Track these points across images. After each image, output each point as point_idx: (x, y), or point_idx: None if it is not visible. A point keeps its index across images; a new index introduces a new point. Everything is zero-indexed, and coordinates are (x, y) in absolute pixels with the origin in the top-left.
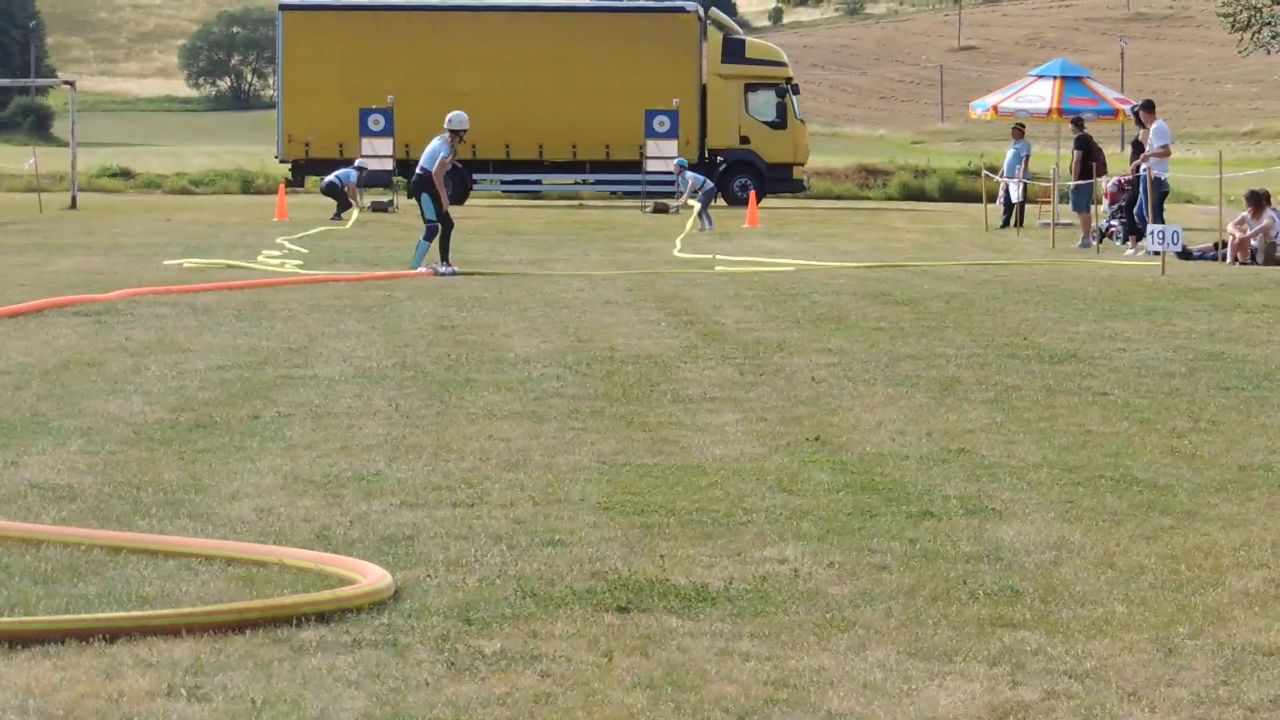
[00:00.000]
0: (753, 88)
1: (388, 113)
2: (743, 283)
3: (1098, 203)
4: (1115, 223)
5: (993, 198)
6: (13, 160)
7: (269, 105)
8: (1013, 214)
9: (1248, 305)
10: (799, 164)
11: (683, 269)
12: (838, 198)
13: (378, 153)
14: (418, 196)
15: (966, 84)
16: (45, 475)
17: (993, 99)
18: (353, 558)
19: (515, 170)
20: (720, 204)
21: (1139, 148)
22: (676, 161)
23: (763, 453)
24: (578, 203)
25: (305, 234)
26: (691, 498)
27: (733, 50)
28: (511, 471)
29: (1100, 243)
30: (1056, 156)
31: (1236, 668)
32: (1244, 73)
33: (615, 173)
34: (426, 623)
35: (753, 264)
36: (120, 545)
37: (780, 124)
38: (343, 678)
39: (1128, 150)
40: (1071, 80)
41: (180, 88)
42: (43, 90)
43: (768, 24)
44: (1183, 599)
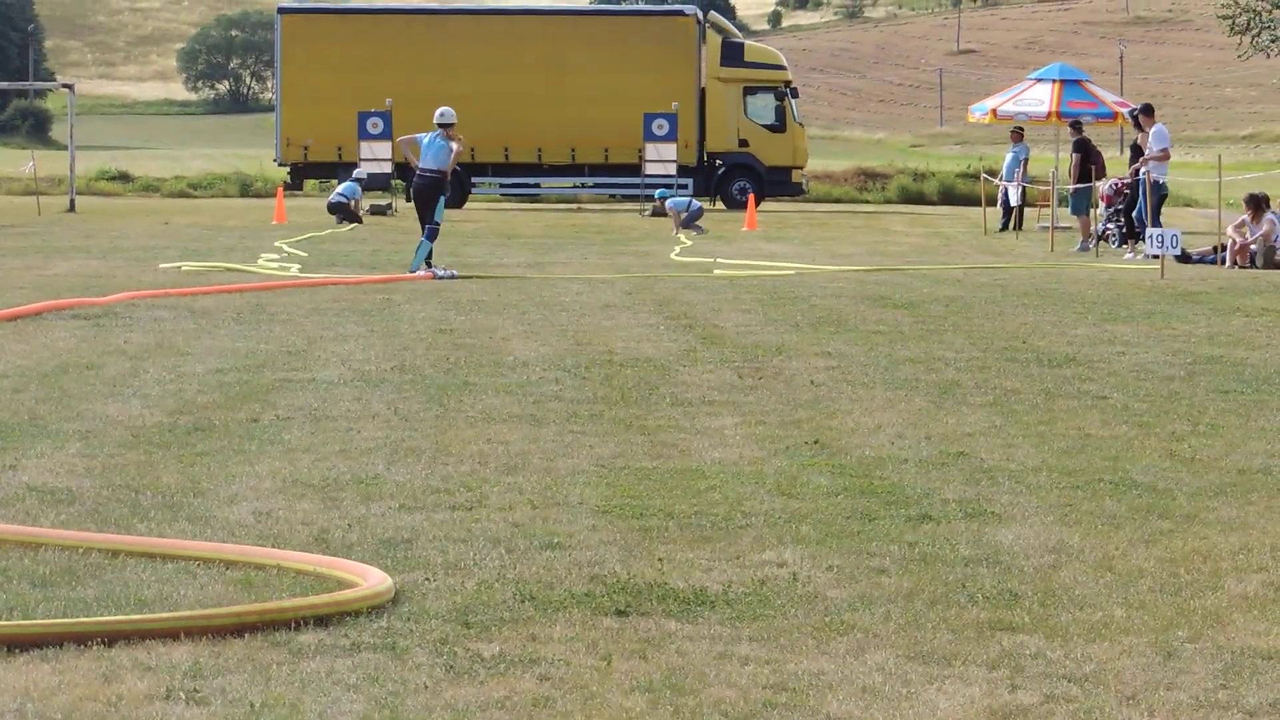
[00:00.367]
0: (752, 91)
1: (386, 116)
2: (741, 286)
3: (1096, 206)
4: (1111, 226)
5: (992, 201)
6: (11, 163)
7: (267, 109)
8: (1012, 217)
9: (1247, 309)
10: (798, 167)
11: (681, 272)
12: (837, 201)
13: (376, 156)
14: (431, 198)
15: (965, 87)
16: (43, 478)
17: (992, 102)
18: (353, 560)
19: (514, 173)
20: (719, 207)
21: (1138, 151)
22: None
23: (761, 456)
24: (576, 206)
25: (304, 237)
26: (690, 501)
27: (731, 53)
28: (510, 475)
29: (1097, 245)
30: (1055, 160)
31: (1235, 671)
32: (1243, 76)
33: (614, 176)
34: (425, 626)
35: (752, 267)
36: (119, 548)
37: (779, 127)
38: (341, 681)
39: (1127, 154)
40: (1070, 84)
41: (179, 91)
42: (41, 93)
43: (766, 27)
44: (1182, 602)
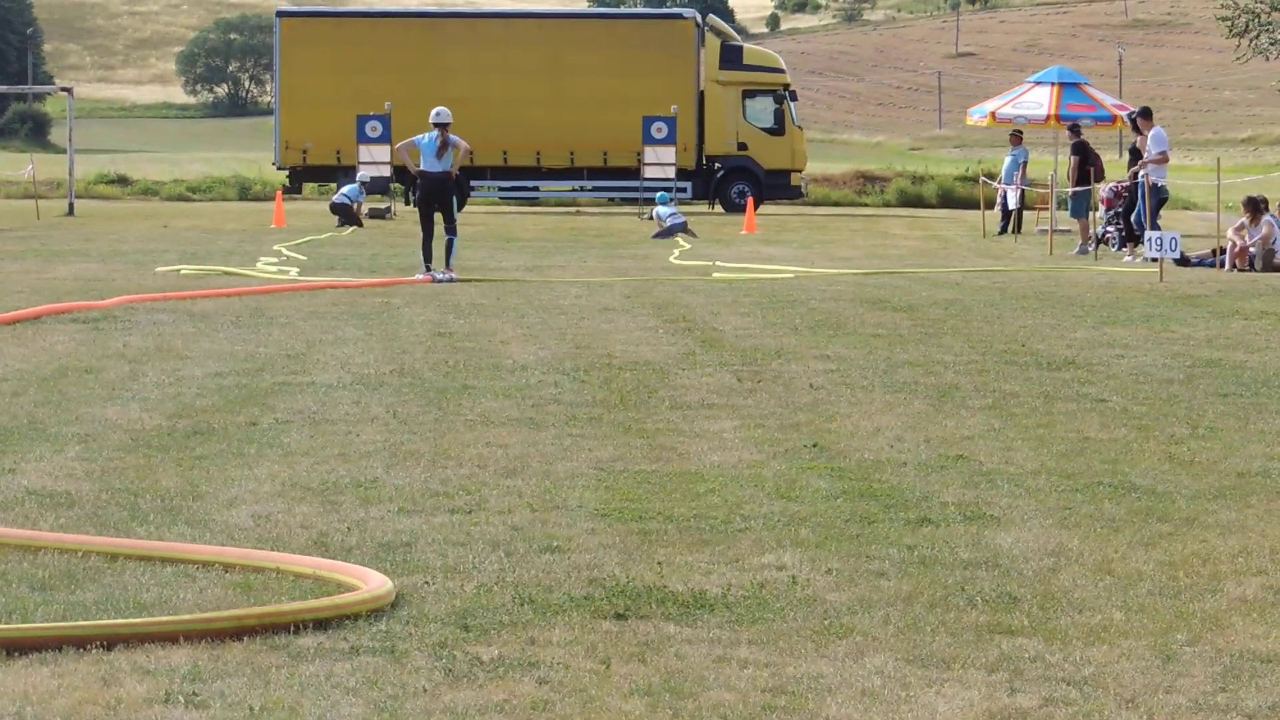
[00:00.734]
0: (750, 94)
1: (385, 119)
2: (740, 289)
3: (1095, 209)
4: (1110, 229)
5: (990, 204)
6: (10, 167)
7: (266, 112)
8: (1010, 220)
9: (1246, 312)
10: (797, 170)
11: (680, 275)
12: (835, 204)
13: (375, 159)
14: (445, 199)
15: (964, 90)
16: (43, 482)
17: (991, 105)
18: (353, 564)
19: (513, 177)
20: (717, 210)
21: (1137, 154)
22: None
23: (761, 459)
24: (575, 209)
25: (303, 241)
26: (689, 504)
27: (730, 57)
28: (509, 478)
29: (1096, 248)
30: (1054, 163)
31: (1234, 674)
32: (1242, 79)
33: (613, 179)
34: (424, 630)
35: (750, 270)
36: (118, 552)
37: (778, 130)
38: (340, 685)
39: (1125, 157)
40: (1069, 87)
41: (178, 94)
42: (40, 97)
43: (765, 30)
44: (1181, 606)
